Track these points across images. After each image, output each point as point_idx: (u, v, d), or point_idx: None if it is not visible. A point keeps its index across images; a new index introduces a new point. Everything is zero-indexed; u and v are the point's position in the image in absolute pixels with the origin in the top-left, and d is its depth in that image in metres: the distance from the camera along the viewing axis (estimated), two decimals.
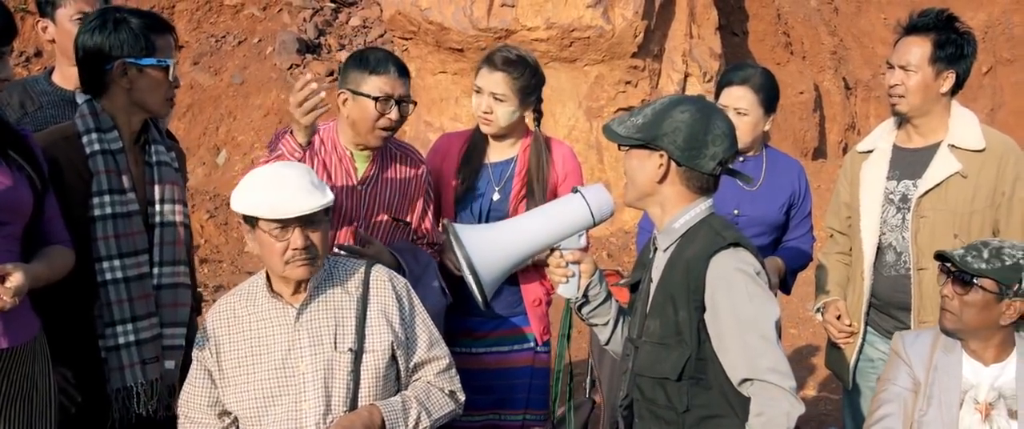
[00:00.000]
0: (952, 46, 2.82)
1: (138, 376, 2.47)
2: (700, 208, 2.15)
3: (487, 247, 2.11)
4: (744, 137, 3.12)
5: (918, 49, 2.84)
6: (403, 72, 2.85)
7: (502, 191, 3.06)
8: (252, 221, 2.27)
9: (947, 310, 2.44)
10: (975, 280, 2.37)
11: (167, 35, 2.52)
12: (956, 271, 2.40)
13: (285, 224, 2.24)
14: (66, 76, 2.87)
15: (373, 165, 2.94)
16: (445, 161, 3.16)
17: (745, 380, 2.02)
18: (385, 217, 2.96)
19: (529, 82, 3.02)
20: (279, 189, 2.25)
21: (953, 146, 2.85)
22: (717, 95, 3.26)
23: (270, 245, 2.26)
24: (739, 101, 3.13)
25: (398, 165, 3.02)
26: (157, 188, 2.56)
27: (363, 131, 2.84)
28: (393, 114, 2.81)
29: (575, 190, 2.16)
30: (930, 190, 2.84)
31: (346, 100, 2.85)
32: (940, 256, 2.46)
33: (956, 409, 2.43)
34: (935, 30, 2.84)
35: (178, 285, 2.57)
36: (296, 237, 2.25)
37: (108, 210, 2.43)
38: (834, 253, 3.19)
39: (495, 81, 3.00)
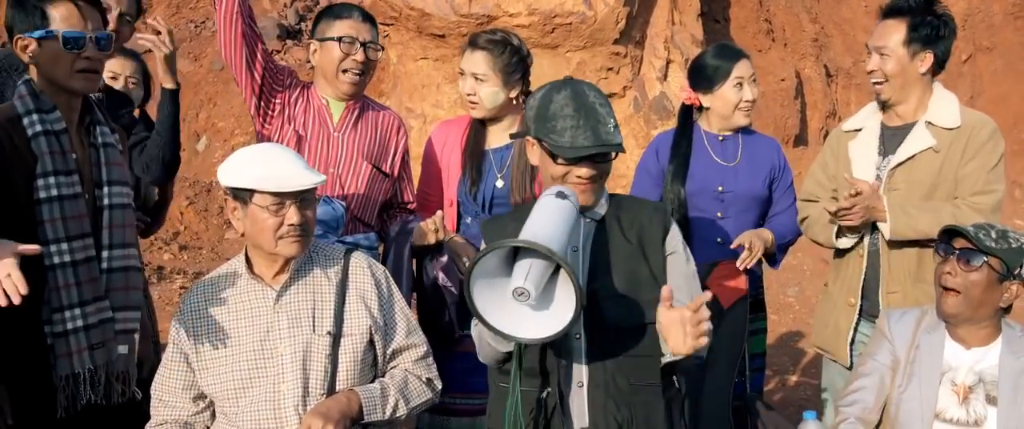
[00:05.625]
0: (927, 27, 2.85)
1: (86, 362, 2.39)
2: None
3: (538, 236, 1.87)
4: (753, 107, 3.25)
5: (893, 32, 2.88)
6: (368, 19, 2.96)
7: (504, 178, 3.05)
8: (245, 196, 2.27)
9: (949, 288, 2.42)
10: (985, 258, 2.37)
11: (69, 3, 2.40)
12: (966, 247, 2.40)
13: (282, 199, 2.25)
14: None
15: (349, 113, 2.99)
16: (444, 150, 3.15)
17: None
18: (365, 164, 2.98)
19: (510, 61, 3.01)
20: (277, 164, 2.28)
21: (930, 123, 2.89)
22: (729, 75, 3.27)
23: (264, 221, 2.27)
24: (749, 69, 3.19)
25: (376, 116, 3.07)
26: (104, 169, 2.49)
27: (331, 75, 2.92)
28: (359, 56, 2.89)
29: (562, 196, 2.06)
30: (901, 164, 2.88)
31: (315, 51, 2.95)
32: (950, 231, 2.46)
33: (935, 387, 2.45)
34: (910, 13, 2.86)
35: (129, 268, 2.51)
36: (292, 213, 2.27)
37: (54, 192, 2.35)
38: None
39: (476, 61, 3.00)
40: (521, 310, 1.83)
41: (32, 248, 2.09)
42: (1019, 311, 2.60)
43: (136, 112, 3.52)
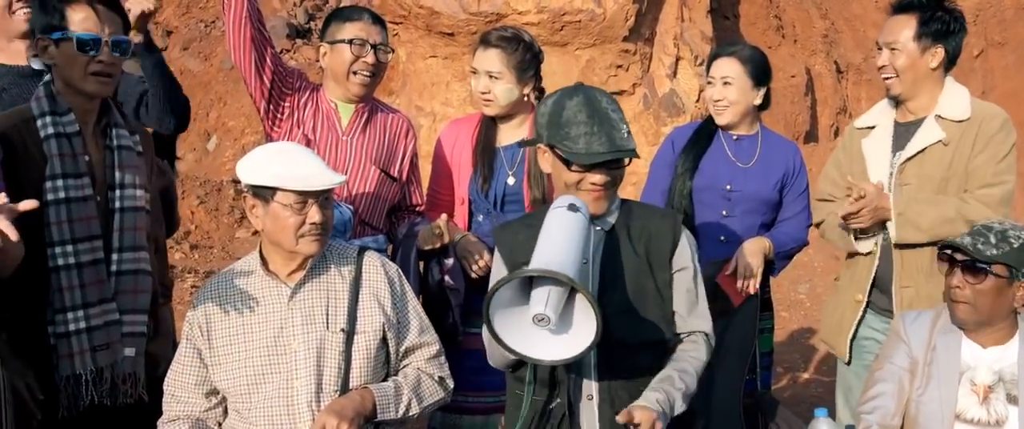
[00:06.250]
0: (937, 22, 2.85)
1: (88, 363, 2.40)
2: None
3: (554, 260, 1.89)
4: (734, 107, 3.20)
5: (903, 27, 2.88)
6: (378, 21, 2.98)
7: (516, 175, 3.05)
8: (267, 194, 2.27)
9: (959, 301, 2.40)
10: (989, 268, 2.34)
11: (88, 5, 2.42)
12: (968, 260, 2.37)
13: (305, 198, 2.26)
14: (10, 53, 2.89)
15: (358, 116, 2.99)
16: (454, 148, 3.14)
17: (696, 332, 2.21)
18: (373, 169, 2.99)
19: (524, 57, 3.02)
20: (302, 164, 2.29)
21: (939, 116, 2.89)
22: (707, 71, 3.31)
23: (285, 219, 2.28)
24: (725, 69, 3.19)
25: (384, 119, 3.07)
26: (118, 172, 2.49)
27: (341, 77, 2.92)
28: (369, 58, 2.90)
29: (574, 208, 2.05)
30: (912, 157, 2.88)
31: (325, 53, 2.96)
32: (949, 246, 2.44)
33: (955, 388, 2.42)
34: (920, 8, 2.86)
35: (139, 271, 2.51)
36: (313, 212, 2.28)
37: (62, 194, 2.36)
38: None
39: (490, 58, 3.00)
40: (540, 331, 1.85)
41: (31, 203, 2.08)
42: None
43: None
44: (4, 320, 2.33)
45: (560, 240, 1.93)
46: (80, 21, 2.40)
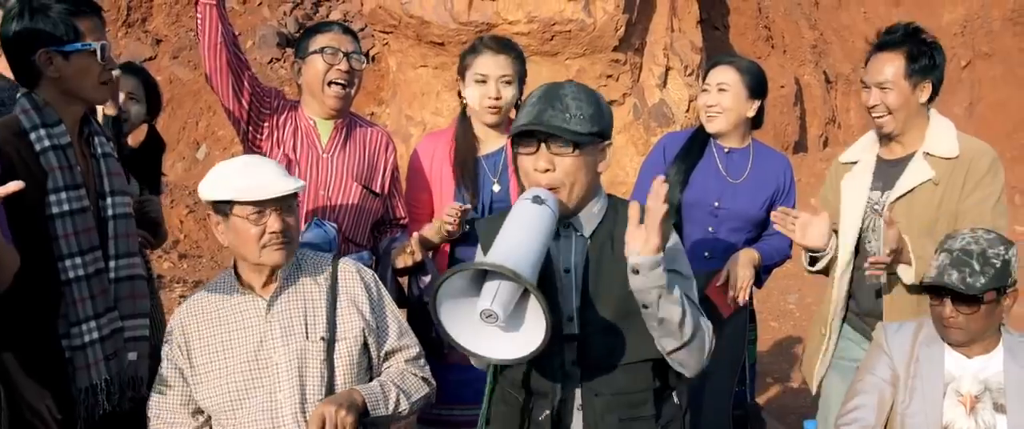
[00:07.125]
0: (924, 57, 2.84)
1: (103, 373, 2.41)
2: (603, 188, 2.14)
3: (508, 254, 1.79)
4: (727, 115, 3.19)
5: (891, 65, 2.86)
6: (349, 32, 2.98)
7: (500, 181, 3.04)
8: (226, 209, 2.27)
9: (953, 328, 2.40)
10: (981, 297, 2.34)
11: (93, 16, 2.41)
12: (959, 295, 2.36)
13: (262, 207, 2.25)
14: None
15: (337, 133, 2.98)
16: (433, 163, 3.12)
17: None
18: (355, 185, 2.98)
19: (523, 65, 3.06)
20: (254, 174, 2.27)
21: (928, 154, 2.88)
22: (703, 79, 3.32)
23: (246, 231, 2.27)
24: (722, 76, 3.19)
25: (364, 134, 3.06)
26: (106, 180, 2.48)
27: (317, 91, 2.90)
28: (342, 65, 2.89)
29: (539, 200, 1.94)
30: (901, 197, 2.87)
31: (300, 70, 2.95)
32: (939, 288, 2.41)
33: (940, 401, 2.41)
34: (905, 44, 2.85)
35: (135, 277, 2.51)
36: (273, 220, 2.26)
37: (66, 207, 2.34)
38: None
39: (501, 64, 2.99)
40: (490, 327, 1.77)
41: (16, 185, 2.04)
42: (1016, 317, 2.59)
43: (144, 127, 3.50)
44: (12, 339, 2.32)
45: (517, 234, 1.83)
46: (91, 31, 2.39)
